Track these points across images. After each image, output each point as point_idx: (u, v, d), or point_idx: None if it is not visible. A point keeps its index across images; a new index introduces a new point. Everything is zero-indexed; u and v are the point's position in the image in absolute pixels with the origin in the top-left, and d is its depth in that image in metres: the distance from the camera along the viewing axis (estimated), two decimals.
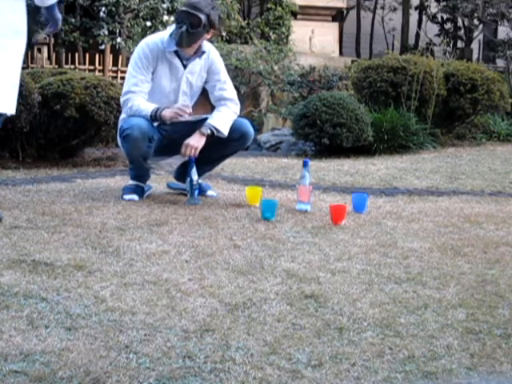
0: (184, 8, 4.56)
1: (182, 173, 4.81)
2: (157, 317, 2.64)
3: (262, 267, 3.30)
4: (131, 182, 4.71)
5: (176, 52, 4.58)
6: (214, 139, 4.56)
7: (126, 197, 4.59)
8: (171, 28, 4.62)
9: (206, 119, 4.61)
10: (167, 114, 4.47)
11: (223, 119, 4.61)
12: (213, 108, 4.74)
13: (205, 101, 4.84)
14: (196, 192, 4.58)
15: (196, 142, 4.50)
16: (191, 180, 4.56)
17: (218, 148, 4.65)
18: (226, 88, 4.71)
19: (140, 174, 4.72)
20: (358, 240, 3.87)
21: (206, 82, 4.73)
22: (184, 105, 4.53)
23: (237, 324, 2.61)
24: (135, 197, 4.60)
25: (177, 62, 4.60)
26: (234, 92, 4.77)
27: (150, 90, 4.59)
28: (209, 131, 4.53)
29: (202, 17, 4.46)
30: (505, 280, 3.28)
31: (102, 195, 4.69)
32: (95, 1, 9.86)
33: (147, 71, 4.54)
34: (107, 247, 3.48)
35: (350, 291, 3.02)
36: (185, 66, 4.62)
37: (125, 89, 4.58)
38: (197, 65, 4.65)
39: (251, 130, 4.74)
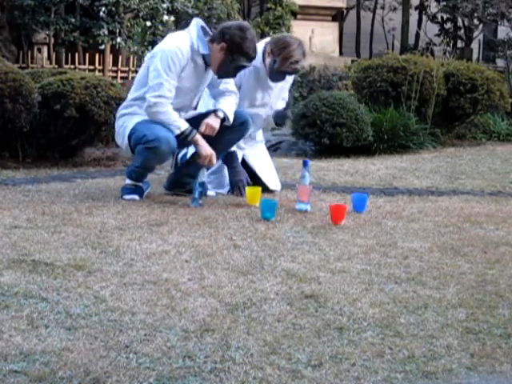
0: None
1: (173, 183, 4.83)
2: (157, 317, 2.64)
3: (261, 267, 3.30)
4: (130, 182, 4.68)
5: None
6: (220, 127, 4.64)
7: (127, 197, 4.59)
8: (194, 30, 4.61)
9: (206, 113, 4.71)
10: (203, 150, 4.52)
11: (230, 107, 4.71)
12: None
13: None
14: (202, 194, 4.57)
15: (214, 122, 4.61)
16: (203, 183, 4.53)
17: (222, 135, 4.67)
18: (229, 81, 4.80)
19: (144, 176, 4.71)
20: (357, 240, 3.87)
21: None
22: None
23: (237, 324, 2.61)
24: (136, 196, 4.60)
25: (202, 62, 4.62)
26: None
27: None
28: (222, 115, 4.64)
29: None
30: (505, 280, 3.28)
31: (101, 195, 4.69)
32: (95, 1, 9.84)
33: (177, 76, 4.54)
34: (107, 247, 3.48)
35: (349, 291, 3.02)
36: (206, 66, 4.66)
37: (157, 92, 4.49)
38: None
39: (250, 119, 4.87)
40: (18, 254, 3.29)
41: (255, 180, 5.01)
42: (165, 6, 10.01)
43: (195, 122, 4.64)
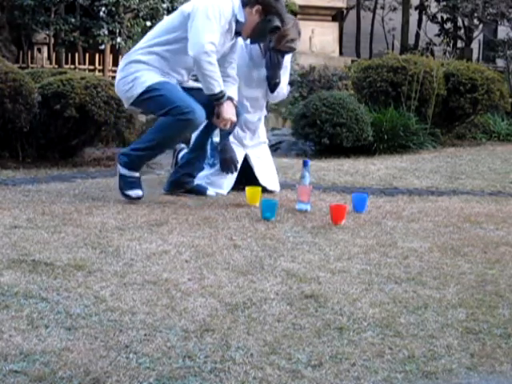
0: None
1: (173, 183, 4.81)
2: (157, 317, 2.64)
3: (261, 267, 3.30)
4: (129, 174, 4.49)
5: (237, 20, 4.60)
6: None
7: (131, 193, 4.48)
8: None
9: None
10: (225, 113, 4.48)
11: (235, 97, 4.69)
12: None
13: None
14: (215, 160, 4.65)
15: (233, 112, 4.58)
16: (212, 142, 4.61)
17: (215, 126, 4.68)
18: (235, 67, 4.78)
19: (145, 161, 4.65)
20: (357, 240, 3.87)
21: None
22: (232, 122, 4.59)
23: (237, 324, 2.61)
24: (139, 192, 4.50)
25: (234, 29, 4.58)
26: None
27: None
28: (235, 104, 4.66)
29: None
30: (505, 280, 3.28)
31: (101, 195, 4.69)
32: (95, 1, 9.85)
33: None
34: (107, 247, 3.48)
35: (349, 291, 3.02)
36: (235, 35, 4.63)
37: (212, 38, 4.36)
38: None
39: (242, 114, 4.86)
40: (18, 253, 3.29)
41: (254, 180, 5.00)
42: (165, 5, 10.02)
43: (198, 94, 4.52)
